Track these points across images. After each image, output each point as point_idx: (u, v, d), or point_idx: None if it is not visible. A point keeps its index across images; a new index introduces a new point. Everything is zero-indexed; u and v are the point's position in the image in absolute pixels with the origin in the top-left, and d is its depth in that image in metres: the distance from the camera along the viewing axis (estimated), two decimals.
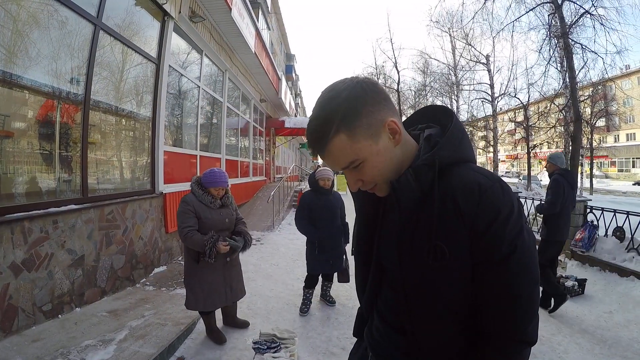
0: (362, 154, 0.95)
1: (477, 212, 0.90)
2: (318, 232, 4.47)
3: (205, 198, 3.43)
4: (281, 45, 26.51)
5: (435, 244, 0.93)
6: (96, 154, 4.72)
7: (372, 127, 0.94)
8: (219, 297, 3.51)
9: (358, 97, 0.93)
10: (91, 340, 3.30)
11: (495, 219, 0.89)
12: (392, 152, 0.98)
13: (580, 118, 12.08)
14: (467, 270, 0.94)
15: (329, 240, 4.48)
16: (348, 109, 0.92)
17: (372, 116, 0.94)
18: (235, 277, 3.70)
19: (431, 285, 0.97)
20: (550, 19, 12.07)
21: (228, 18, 7.89)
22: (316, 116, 0.96)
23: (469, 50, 20.99)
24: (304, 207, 4.55)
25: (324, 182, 4.53)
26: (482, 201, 0.90)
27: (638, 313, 4.57)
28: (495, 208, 0.90)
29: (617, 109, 32.63)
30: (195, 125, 8.05)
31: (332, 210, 4.54)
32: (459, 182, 0.93)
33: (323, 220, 4.48)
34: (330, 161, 0.98)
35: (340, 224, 4.65)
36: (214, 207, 3.47)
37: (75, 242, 3.97)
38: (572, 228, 6.82)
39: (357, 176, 0.99)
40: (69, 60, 4.06)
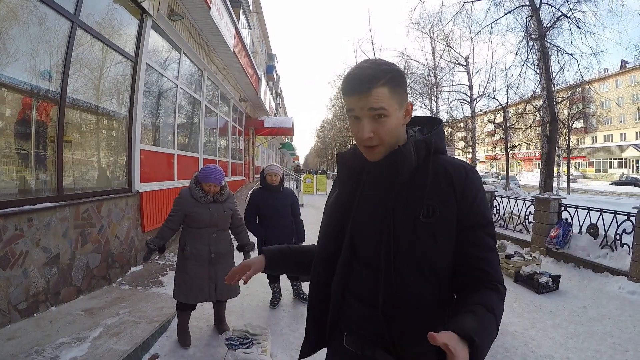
0: (390, 110, 1.14)
1: (464, 185, 1.14)
2: (266, 230, 4.45)
3: (196, 192, 3.50)
4: (262, 45, 26.49)
5: (428, 203, 1.13)
6: (72, 152, 4.72)
7: (402, 98, 1.18)
8: (201, 292, 3.51)
9: (402, 74, 1.19)
10: (66, 338, 3.32)
11: (479, 193, 1.16)
12: (401, 125, 1.20)
13: (556, 119, 12.47)
14: (450, 232, 1.14)
15: (278, 238, 4.41)
16: (397, 76, 1.15)
17: (405, 92, 1.19)
18: (223, 275, 3.52)
19: (419, 243, 1.12)
20: (527, 21, 12.42)
21: (207, 17, 7.91)
22: (370, 67, 1.14)
23: (449, 52, 21.37)
24: (252, 205, 4.53)
25: (271, 177, 4.50)
26: (468, 178, 1.15)
27: (612, 308, 4.76)
28: (477, 185, 1.16)
29: (595, 110, 33.65)
30: (173, 124, 8.04)
31: (281, 209, 4.51)
32: (449, 162, 1.19)
33: (272, 218, 4.47)
34: (367, 101, 1.13)
35: (291, 222, 4.62)
36: (203, 202, 3.51)
37: (50, 240, 3.97)
38: (546, 225, 7.10)
39: (374, 126, 1.15)
40: (47, 58, 4.06)
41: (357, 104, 1.14)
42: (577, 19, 11.69)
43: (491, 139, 37.78)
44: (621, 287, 5.28)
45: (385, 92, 1.12)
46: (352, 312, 1.27)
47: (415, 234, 1.11)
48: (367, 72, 1.12)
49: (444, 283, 1.15)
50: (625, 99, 41.75)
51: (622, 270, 5.56)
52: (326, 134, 61.72)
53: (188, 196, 3.53)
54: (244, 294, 4.95)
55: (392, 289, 1.13)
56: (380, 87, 1.11)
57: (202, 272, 3.51)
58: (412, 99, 24.64)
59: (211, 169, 3.50)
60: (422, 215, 1.11)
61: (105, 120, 5.58)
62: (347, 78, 1.15)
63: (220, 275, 3.54)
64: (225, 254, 3.66)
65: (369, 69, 1.13)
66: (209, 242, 3.54)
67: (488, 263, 1.13)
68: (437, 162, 1.19)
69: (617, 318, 4.45)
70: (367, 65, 1.15)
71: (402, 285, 1.12)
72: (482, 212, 1.15)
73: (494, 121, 25.11)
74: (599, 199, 20.57)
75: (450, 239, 1.13)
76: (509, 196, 9.82)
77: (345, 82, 1.16)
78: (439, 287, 1.14)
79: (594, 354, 3.62)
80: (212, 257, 3.54)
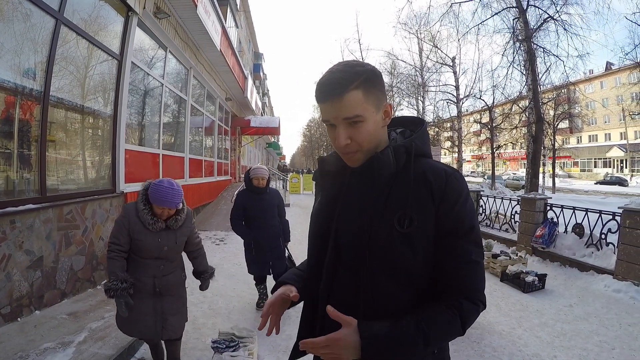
0: (366, 114, 1.10)
1: (444, 192, 1.09)
2: (253, 232, 4.43)
3: (145, 216, 2.73)
4: (249, 44, 26.41)
5: (407, 212, 1.09)
6: (56, 151, 4.66)
7: (379, 100, 1.13)
8: (146, 328, 2.87)
9: (378, 74, 1.15)
10: (50, 343, 3.28)
11: (459, 199, 1.10)
12: (380, 128, 1.16)
13: (541, 119, 12.68)
14: (428, 241, 1.10)
15: (266, 240, 4.43)
16: (371, 77, 1.11)
17: (382, 93, 1.15)
18: (172, 309, 2.97)
19: (396, 252, 1.09)
20: (514, 23, 12.60)
21: (193, 15, 7.87)
22: (342, 70, 1.10)
23: (436, 52, 21.61)
24: (239, 207, 4.50)
25: (258, 181, 4.44)
26: (448, 184, 1.10)
27: (598, 306, 4.88)
28: (458, 190, 1.11)
29: (580, 111, 34.24)
30: (158, 124, 7.98)
31: (267, 210, 4.48)
32: (429, 167, 1.14)
33: (258, 220, 4.44)
34: (339, 108, 1.09)
35: (278, 222, 4.60)
36: (153, 229, 2.76)
37: (33, 242, 3.91)
38: (532, 225, 7.21)
39: (351, 133, 1.12)
40: (32, 55, 4.01)
41: (331, 112, 1.11)
42: (564, 21, 11.94)
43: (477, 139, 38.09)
44: (607, 286, 5.40)
45: (359, 95, 1.08)
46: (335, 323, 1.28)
47: (392, 243, 1.09)
48: (338, 76, 1.09)
49: (421, 290, 1.13)
50: (610, 100, 42.62)
51: (607, 268, 5.69)
52: (313, 133, 61.80)
53: (134, 217, 2.76)
54: (231, 296, 4.96)
55: (368, 295, 1.13)
56: (353, 91, 1.07)
57: (146, 307, 2.83)
58: (399, 99, 24.86)
59: (166, 189, 2.70)
60: (399, 226, 1.09)
61: (90, 120, 5.52)
62: (319, 84, 1.11)
63: (170, 310, 2.92)
64: (174, 286, 3.00)
65: (340, 73, 1.09)
66: (154, 274, 2.85)
67: (459, 276, 1.10)
68: (418, 167, 1.14)
69: (603, 316, 4.56)
70: (339, 69, 1.11)
71: (378, 291, 1.12)
72: (461, 218, 1.10)
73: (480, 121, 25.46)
74: (584, 198, 20.95)
75: (429, 248, 1.11)
76: (495, 196, 9.96)
77: (317, 88, 1.12)
78: (416, 294, 1.13)
79: (581, 352, 3.70)
80: (157, 291, 2.86)
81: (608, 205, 8.23)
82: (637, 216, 5.29)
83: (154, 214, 2.76)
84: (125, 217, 2.77)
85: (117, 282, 2.60)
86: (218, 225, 9.81)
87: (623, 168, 44.51)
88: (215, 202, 12.10)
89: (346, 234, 1.21)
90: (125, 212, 2.82)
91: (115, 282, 2.60)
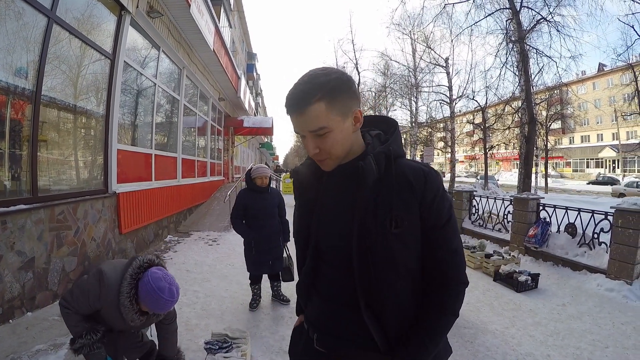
0: (331, 124, 1.13)
1: (424, 189, 1.19)
2: (254, 232, 4.44)
3: (129, 313, 2.20)
4: (243, 44, 26.36)
5: (396, 214, 1.18)
6: (47, 151, 4.63)
7: (346, 107, 1.15)
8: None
9: (344, 81, 1.15)
10: (42, 344, 3.27)
11: (437, 194, 1.21)
12: (350, 134, 1.21)
13: (534, 120, 12.79)
14: (417, 235, 1.21)
15: (266, 240, 4.45)
16: (335, 86, 1.12)
17: (349, 101, 1.16)
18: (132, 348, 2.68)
19: (392, 249, 1.19)
20: (508, 24, 12.69)
21: (187, 14, 7.86)
22: (305, 82, 1.13)
23: (429, 53, 21.70)
24: (239, 206, 4.49)
25: (262, 180, 4.46)
26: (427, 181, 1.20)
27: (591, 305, 4.91)
28: (436, 186, 1.21)
29: (573, 112, 34.54)
30: (150, 124, 7.96)
31: (268, 209, 4.49)
32: (408, 168, 1.22)
33: (259, 220, 4.45)
34: (303, 121, 1.14)
35: (279, 222, 4.61)
36: (132, 324, 2.28)
37: (25, 243, 3.89)
38: (525, 225, 7.27)
39: (318, 143, 1.17)
40: (24, 54, 3.99)
41: (297, 125, 1.17)
42: (557, 23, 12.07)
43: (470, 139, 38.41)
44: (599, 285, 5.45)
45: (321, 108, 1.10)
46: (321, 312, 1.34)
47: (389, 244, 1.18)
48: (300, 89, 1.12)
49: (417, 278, 1.25)
50: (602, 101, 43.04)
51: (600, 268, 5.74)
52: None
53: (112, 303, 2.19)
54: (224, 297, 4.95)
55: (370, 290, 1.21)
56: (316, 104, 1.10)
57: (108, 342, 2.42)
58: (392, 99, 24.94)
59: (166, 301, 2.19)
60: (390, 226, 1.17)
61: (82, 119, 5.50)
62: (286, 97, 1.15)
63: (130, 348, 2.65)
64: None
65: (303, 85, 1.12)
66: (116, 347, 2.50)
67: (447, 263, 1.23)
68: (398, 169, 1.22)
69: (596, 315, 4.59)
70: (303, 81, 1.13)
71: (381, 283, 1.20)
72: (440, 211, 1.21)
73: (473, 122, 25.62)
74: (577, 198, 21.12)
75: (418, 241, 1.22)
76: (487, 196, 10.01)
77: (285, 102, 1.16)
78: (413, 282, 1.24)
79: (574, 350, 3.72)
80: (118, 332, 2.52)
81: (600, 205, 8.32)
82: (630, 215, 5.34)
83: (141, 312, 2.27)
84: (98, 297, 2.22)
85: (89, 334, 2.20)
86: (211, 225, 9.79)
87: (615, 168, 44.91)
88: (208, 202, 12.06)
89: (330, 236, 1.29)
90: (102, 287, 2.21)
91: (88, 335, 2.19)
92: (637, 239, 5.23)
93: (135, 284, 2.21)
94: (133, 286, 2.20)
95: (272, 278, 4.77)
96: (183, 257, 6.83)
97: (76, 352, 2.17)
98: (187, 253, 7.20)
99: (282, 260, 4.58)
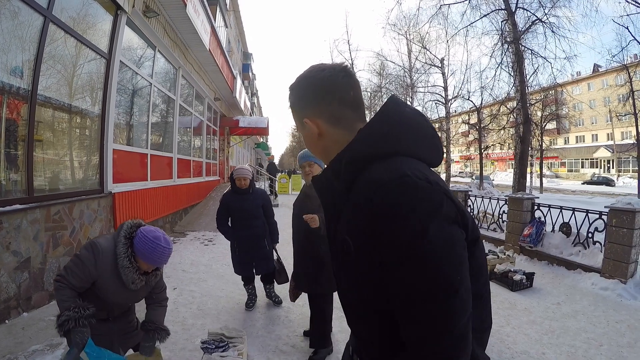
0: (299, 129, 1.16)
1: (371, 210, 0.87)
2: (237, 232, 4.52)
3: (129, 274, 2.23)
4: (238, 44, 26.32)
5: (344, 238, 0.96)
6: (43, 151, 4.63)
7: (298, 116, 1.14)
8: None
9: (301, 86, 1.12)
10: (39, 345, 3.26)
11: (386, 217, 0.85)
12: (315, 141, 1.12)
13: (529, 120, 12.86)
14: (373, 271, 0.91)
15: (249, 241, 4.48)
16: (293, 94, 1.14)
17: (300, 110, 1.12)
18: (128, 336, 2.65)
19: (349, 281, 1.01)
20: (503, 25, 12.74)
21: (183, 14, 7.87)
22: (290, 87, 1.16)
23: (425, 53, 21.75)
24: (223, 207, 4.59)
25: (240, 181, 4.49)
26: (375, 199, 0.87)
27: (585, 304, 4.97)
28: (386, 206, 0.86)
29: (568, 112, 34.72)
30: (146, 124, 7.95)
31: (250, 211, 4.50)
32: (367, 179, 0.93)
33: (242, 221, 4.50)
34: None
35: (263, 223, 4.59)
36: (133, 288, 2.31)
37: (20, 243, 3.89)
38: (520, 224, 7.32)
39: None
40: (19, 54, 3.99)
41: None
42: (552, 24, 12.11)
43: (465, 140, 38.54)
44: (594, 284, 5.51)
45: (293, 111, 1.16)
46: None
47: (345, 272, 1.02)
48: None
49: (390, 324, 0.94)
50: (597, 102, 43.29)
51: (594, 267, 5.81)
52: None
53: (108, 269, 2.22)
54: (220, 296, 4.97)
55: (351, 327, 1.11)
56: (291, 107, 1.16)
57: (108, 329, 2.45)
58: None
59: (163, 249, 2.26)
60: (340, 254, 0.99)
61: (78, 119, 5.49)
62: None
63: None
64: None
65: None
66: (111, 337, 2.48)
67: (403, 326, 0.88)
68: (362, 180, 0.95)
69: (591, 314, 4.64)
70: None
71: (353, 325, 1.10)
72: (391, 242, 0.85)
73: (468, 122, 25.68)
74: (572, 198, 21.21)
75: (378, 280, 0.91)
76: (482, 196, 10.07)
77: None
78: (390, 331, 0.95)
79: (569, 349, 3.77)
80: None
81: (595, 205, 8.38)
82: (624, 215, 5.40)
83: (139, 270, 2.28)
84: (95, 266, 2.19)
85: (78, 309, 2.08)
86: (207, 225, 9.78)
87: (610, 168, 45.26)
88: (204, 202, 12.05)
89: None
90: (96, 255, 2.20)
91: (76, 309, 2.07)
92: (631, 238, 5.29)
93: (130, 243, 2.25)
94: (128, 245, 2.24)
95: (264, 280, 4.79)
96: (179, 257, 6.84)
97: (60, 327, 2.04)
98: (183, 253, 7.21)
99: (269, 262, 4.57)
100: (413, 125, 1.01)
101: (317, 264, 3.35)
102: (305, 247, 3.47)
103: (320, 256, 3.32)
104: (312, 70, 1.10)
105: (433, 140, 1.04)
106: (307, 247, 3.43)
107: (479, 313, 0.96)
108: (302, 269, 3.51)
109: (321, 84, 1.07)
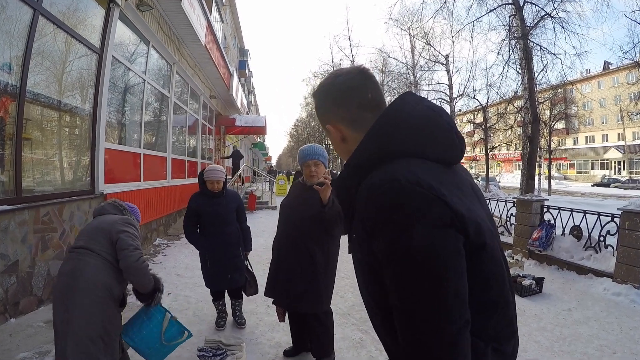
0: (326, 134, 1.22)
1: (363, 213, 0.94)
2: (208, 241, 4.10)
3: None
4: (235, 40, 26.35)
5: (351, 236, 1.07)
6: (32, 150, 4.61)
7: (322, 122, 1.21)
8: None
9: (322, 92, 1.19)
10: (27, 352, 3.26)
11: (373, 222, 0.91)
12: (340, 145, 1.18)
13: (537, 119, 12.84)
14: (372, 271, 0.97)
15: (222, 249, 4.07)
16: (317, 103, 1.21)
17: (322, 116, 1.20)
18: None
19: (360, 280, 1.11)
20: (510, 20, 12.75)
21: (178, 8, 7.87)
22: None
23: (428, 49, 21.78)
24: (191, 212, 4.16)
25: (213, 185, 4.08)
26: (367, 202, 0.93)
27: (597, 310, 4.95)
28: (373, 210, 0.91)
29: (577, 111, 34.74)
30: (139, 122, 7.94)
31: (223, 216, 4.12)
32: (365, 182, 0.97)
33: (213, 227, 4.10)
34: None
35: (237, 229, 4.24)
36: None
37: (8, 246, 3.86)
38: (528, 227, 7.30)
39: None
40: (7, 49, 3.97)
41: None
42: (561, 19, 12.14)
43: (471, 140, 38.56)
44: (606, 289, 5.49)
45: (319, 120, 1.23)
46: None
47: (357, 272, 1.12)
48: None
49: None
50: (608, 100, 43.35)
51: (606, 271, 5.80)
52: (300, 133, 61.59)
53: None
54: None
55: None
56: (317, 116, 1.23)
57: None
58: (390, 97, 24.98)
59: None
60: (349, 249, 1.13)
61: (68, 117, 5.47)
62: None
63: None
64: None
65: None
66: None
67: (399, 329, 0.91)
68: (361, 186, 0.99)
69: (603, 320, 4.63)
70: None
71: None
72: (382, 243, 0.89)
73: (473, 121, 25.71)
74: (581, 201, 21.24)
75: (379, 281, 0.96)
76: (489, 198, 10.06)
77: None
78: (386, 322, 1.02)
79: (581, 356, 3.75)
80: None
81: (606, 207, 8.37)
82: (637, 218, 5.39)
83: None
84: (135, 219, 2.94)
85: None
86: None
87: (621, 170, 45.27)
88: None
89: None
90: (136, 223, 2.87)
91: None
92: None
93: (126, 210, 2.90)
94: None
95: (231, 295, 4.34)
96: (173, 261, 6.82)
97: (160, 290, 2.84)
98: (178, 257, 7.19)
99: (243, 272, 4.19)
100: (420, 123, 1.01)
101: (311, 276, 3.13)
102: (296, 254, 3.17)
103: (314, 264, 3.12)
104: (330, 76, 1.17)
105: (448, 137, 1.04)
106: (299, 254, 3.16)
107: (494, 322, 0.97)
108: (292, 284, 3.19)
109: (338, 90, 1.13)
